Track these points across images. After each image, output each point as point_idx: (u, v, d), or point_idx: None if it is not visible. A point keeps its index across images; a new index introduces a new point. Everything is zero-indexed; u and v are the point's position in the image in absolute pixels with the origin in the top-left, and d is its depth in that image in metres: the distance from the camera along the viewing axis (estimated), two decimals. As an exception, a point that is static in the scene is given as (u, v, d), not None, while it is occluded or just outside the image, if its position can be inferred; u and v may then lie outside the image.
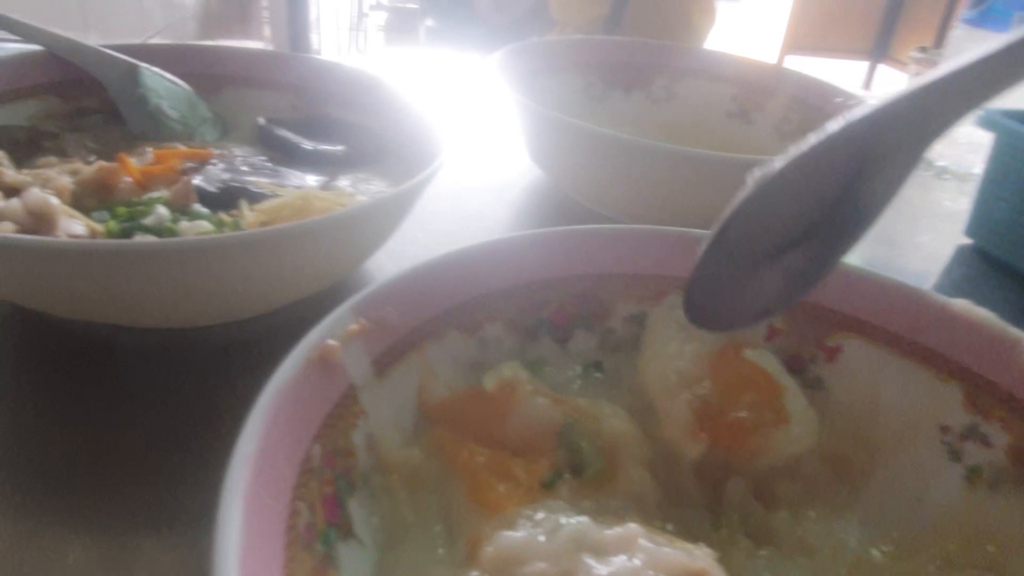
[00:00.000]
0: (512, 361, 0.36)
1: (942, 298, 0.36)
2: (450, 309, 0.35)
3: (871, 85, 3.28)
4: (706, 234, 0.39)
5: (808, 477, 0.35)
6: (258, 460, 0.24)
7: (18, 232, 0.38)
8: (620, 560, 0.25)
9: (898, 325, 0.36)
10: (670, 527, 0.29)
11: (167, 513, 0.34)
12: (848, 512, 0.34)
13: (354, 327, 0.30)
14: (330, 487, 0.27)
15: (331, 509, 0.27)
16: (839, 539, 0.32)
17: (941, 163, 0.88)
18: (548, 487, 0.30)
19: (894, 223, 0.76)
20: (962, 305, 0.35)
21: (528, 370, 0.35)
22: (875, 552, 0.32)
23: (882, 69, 3.36)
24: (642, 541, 0.25)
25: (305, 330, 0.28)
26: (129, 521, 0.33)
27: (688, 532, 0.30)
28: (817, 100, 0.73)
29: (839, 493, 0.35)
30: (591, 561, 0.25)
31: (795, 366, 0.38)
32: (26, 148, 0.50)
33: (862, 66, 3.38)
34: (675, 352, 0.36)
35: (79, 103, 0.55)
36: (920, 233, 0.75)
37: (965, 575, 0.30)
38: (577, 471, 0.31)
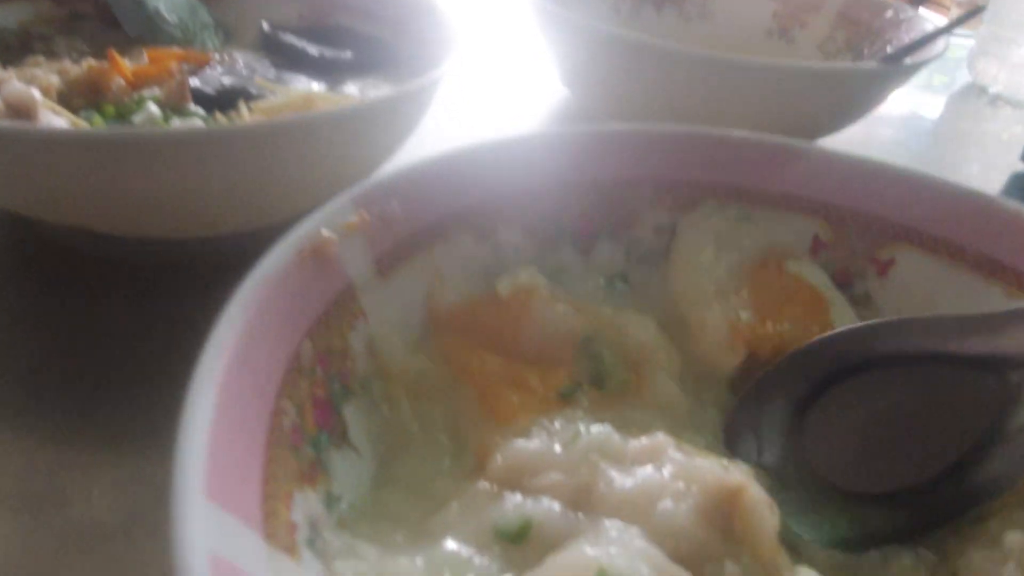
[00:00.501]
0: (529, 267, 0.32)
1: (1014, 204, 0.32)
2: (462, 210, 0.32)
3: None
4: (747, 134, 0.36)
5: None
6: (238, 350, 0.21)
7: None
8: (646, 472, 0.22)
9: (962, 234, 0.33)
10: (702, 442, 0.26)
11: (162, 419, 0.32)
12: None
13: (354, 220, 0.27)
14: (323, 390, 0.24)
15: (323, 413, 0.24)
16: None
17: (995, 89, 0.82)
18: (566, 398, 0.27)
19: (942, 153, 0.71)
20: (1038, 212, 0.31)
21: (547, 278, 0.32)
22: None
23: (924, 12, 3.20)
24: (671, 452, 0.22)
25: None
26: (121, 427, 0.31)
27: (720, 451, 0.27)
28: (866, 15, 0.67)
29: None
30: (613, 472, 0.22)
31: (842, 281, 0.34)
32: (17, 52, 0.47)
33: (904, 9, 3.22)
34: (710, 262, 0.33)
35: (73, 7, 0.52)
36: (970, 163, 0.70)
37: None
38: (598, 383, 0.28)
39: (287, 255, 0.24)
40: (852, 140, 0.58)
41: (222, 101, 0.41)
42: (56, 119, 0.36)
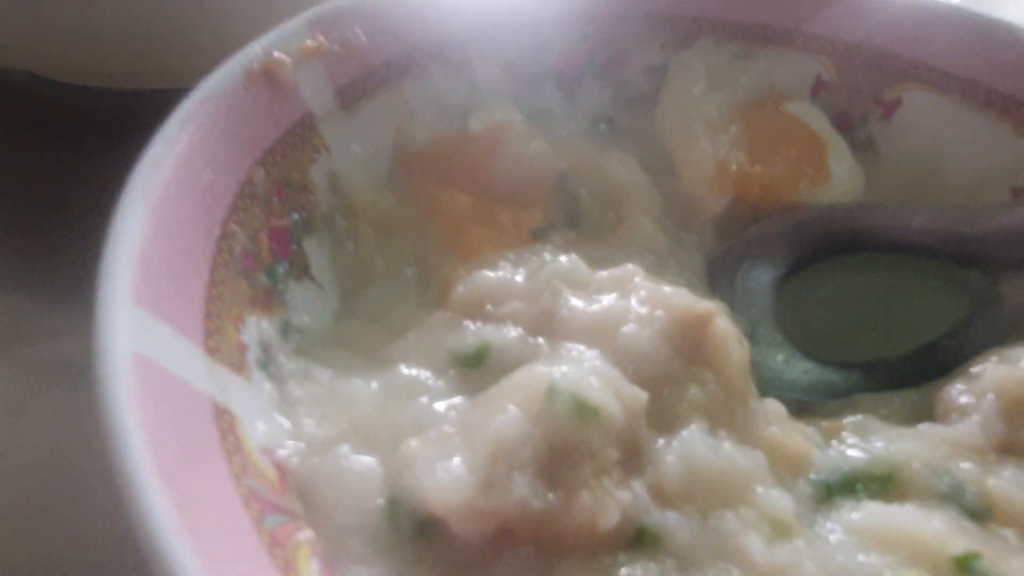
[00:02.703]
0: (505, 103, 0.30)
1: (1037, 34, 0.29)
2: (434, 41, 0.29)
3: None
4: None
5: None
6: (176, 165, 0.19)
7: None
8: (610, 298, 0.21)
9: (974, 69, 0.30)
10: (682, 283, 0.25)
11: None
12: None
13: (310, 44, 0.25)
14: (280, 220, 0.23)
15: (281, 244, 0.23)
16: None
17: None
18: (538, 237, 0.26)
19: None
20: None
21: (525, 117, 0.30)
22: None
23: None
24: (639, 281, 0.21)
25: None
26: (43, 299, 0.30)
27: (700, 291, 0.26)
28: None
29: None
30: (576, 300, 0.21)
31: (844, 126, 0.32)
32: None
33: None
34: (701, 98, 0.30)
35: None
36: (1005, 5, 0.64)
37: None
38: (574, 223, 0.27)
39: (233, 75, 0.23)
40: None
41: None
42: None
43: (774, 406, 0.21)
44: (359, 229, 0.26)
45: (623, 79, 0.33)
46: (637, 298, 0.21)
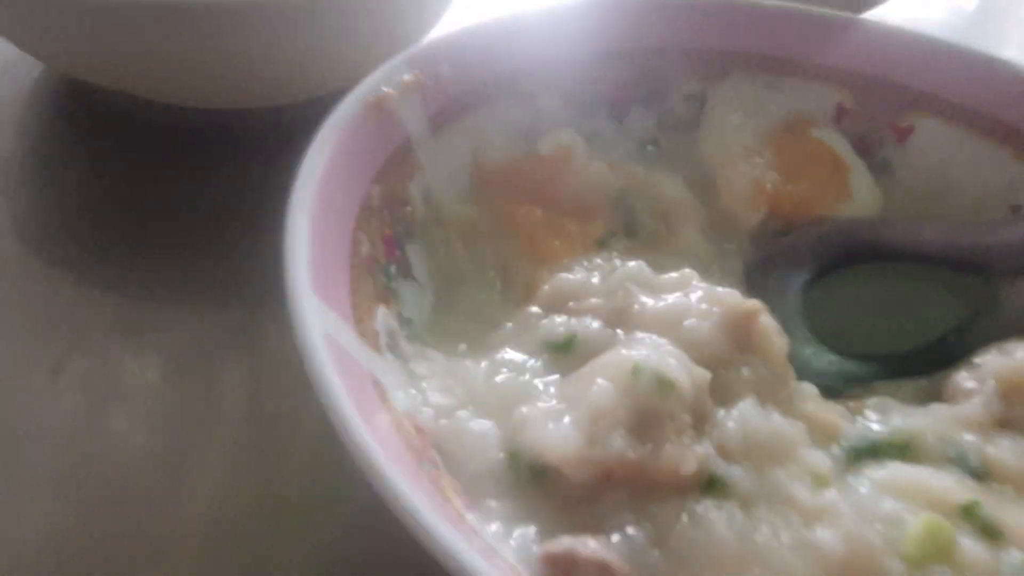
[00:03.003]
0: (568, 128, 0.35)
1: (1030, 70, 0.33)
2: (506, 75, 0.34)
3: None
4: (777, 4, 0.37)
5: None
6: (321, 186, 0.24)
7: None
8: (675, 296, 0.25)
9: (978, 101, 0.34)
10: (726, 284, 0.29)
11: (217, 287, 0.35)
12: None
13: (409, 78, 0.30)
14: (389, 229, 0.28)
15: (391, 249, 0.27)
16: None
17: None
18: (602, 245, 0.30)
19: (984, 32, 0.70)
20: (1054, 78, 0.33)
21: (585, 141, 0.34)
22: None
23: None
24: (696, 283, 0.26)
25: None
26: (181, 282, 0.35)
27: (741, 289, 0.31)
28: None
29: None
30: (645, 297, 0.25)
31: (863, 148, 0.36)
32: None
33: None
34: (738, 125, 0.35)
35: None
36: (1008, 45, 0.69)
37: None
38: (631, 232, 0.31)
39: (355, 107, 0.27)
40: (895, 16, 0.58)
41: None
42: None
43: (809, 388, 0.25)
44: (448, 237, 0.30)
45: (666, 107, 0.37)
46: (696, 296, 0.25)
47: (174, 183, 0.39)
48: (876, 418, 0.25)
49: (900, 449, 0.23)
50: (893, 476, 0.21)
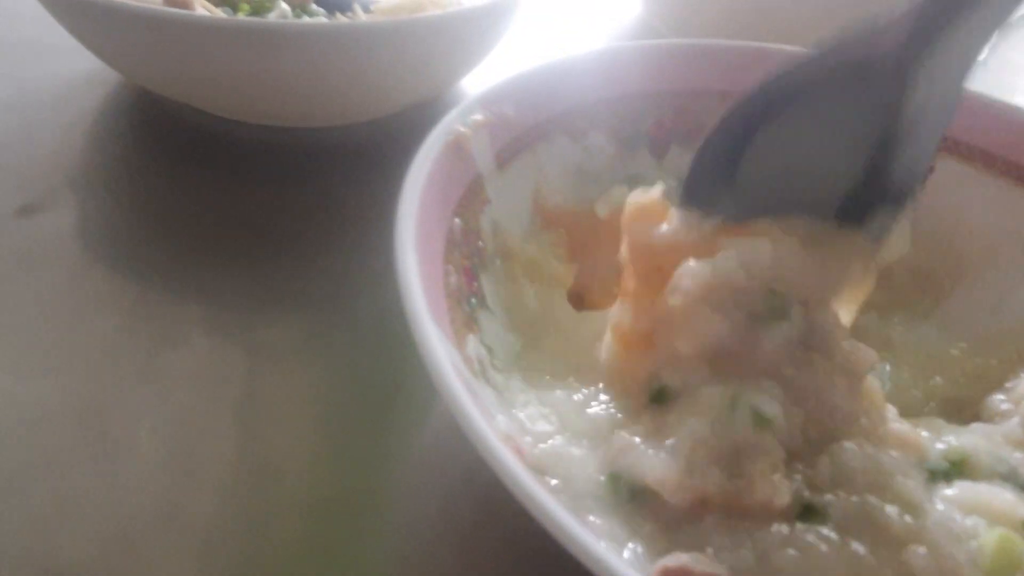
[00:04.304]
0: (620, 186, 0.36)
1: (1043, 117, 0.36)
2: (560, 114, 0.36)
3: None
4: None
5: (895, 287, 0.37)
6: (418, 220, 0.25)
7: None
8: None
9: (994, 145, 0.37)
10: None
11: (293, 292, 0.37)
12: (929, 318, 0.36)
13: (480, 118, 0.31)
14: (467, 260, 0.29)
15: (470, 280, 0.29)
16: (922, 339, 0.35)
17: None
18: None
19: (995, 80, 0.73)
20: (1064, 124, 0.36)
21: (627, 184, 0.36)
22: (952, 350, 0.34)
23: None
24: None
25: (412, 138, 0.29)
26: (255, 298, 0.36)
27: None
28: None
29: (922, 302, 0.37)
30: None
31: (887, 186, 0.39)
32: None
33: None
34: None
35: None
36: (1014, 95, 0.73)
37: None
38: None
39: (439, 145, 0.29)
40: None
41: (340, 5, 0.45)
42: (205, 12, 0.40)
43: (891, 410, 0.27)
44: (513, 270, 0.32)
45: (703, 144, 0.39)
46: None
47: (246, 195, 0.41)
48: (929, 436, 0.27)
49: (958, 467, 0.25)
50: (964, 494, 0.23)
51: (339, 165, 0.43)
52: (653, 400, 0.25)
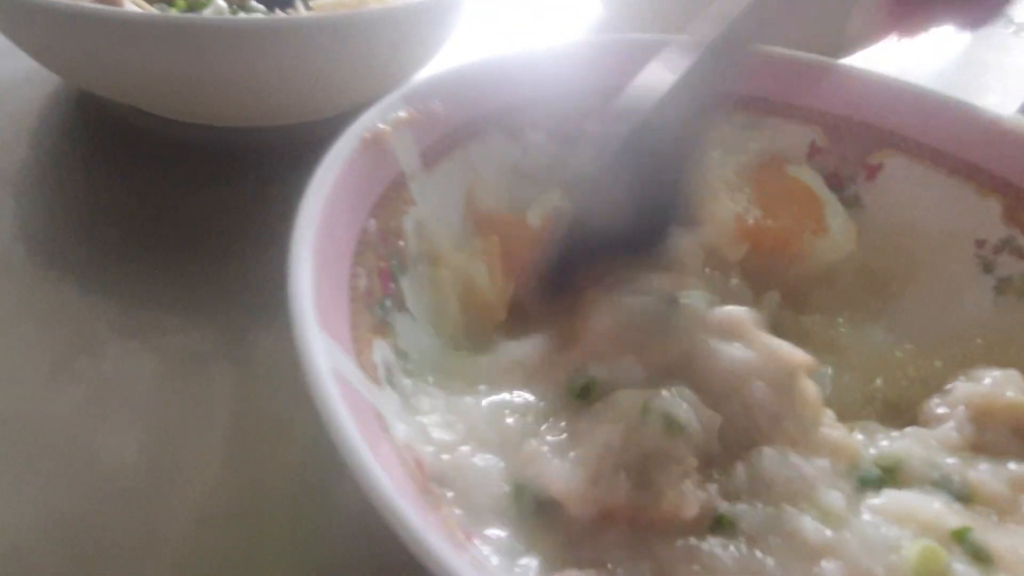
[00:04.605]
0: (554, 191, 0.35)
1: (992, 113, 0.35)
2: (494, 111, 0.35)
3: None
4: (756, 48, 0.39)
5: (841, 288, 0.36)
6: (322, 220, 0.24)
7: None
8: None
9: (944, 140, 0.36)
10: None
11: (215, 296, 0.36)
12: (877, 319, 0.35)
13: (403, 115, 0.30)
14: (384, 262, 0.28)
15: (386, 282, 0.28)
16: (867, 341, 0.34)
17: (1020, 19, 0.83)
18: None
19: (964, 79, 0.73)
20: (1014, 120, 0.35)
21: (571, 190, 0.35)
22: (898, 352, 0.33)
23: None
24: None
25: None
26: (176, 301, 0.35)
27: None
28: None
29: (869, 303, 0.36)
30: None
31: (835, 184, 0.38)
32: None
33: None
34: (718, 162, 0.36)
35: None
36: (988, 92, 0.72)
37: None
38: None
39: (353, 142, 0.28)
40: (877, 63, 0.61)
41: (280, 1, 0.44)
42: (137, 10, 0.39)
43: (828, 414, 0.26)
44: (440, 274, 0.31)
45: (649, 144, 0.38)
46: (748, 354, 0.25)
47: (180, 195, 0.40)
48: (863, 439, 0.26)
49: (890, 472, 0.24)
50: (890, 503, 0.22)
51: (276, 166, 0.42)
52: (579, 396, 0.24)
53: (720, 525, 0.21)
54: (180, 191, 0.40)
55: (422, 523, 0.16)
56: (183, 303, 0.34)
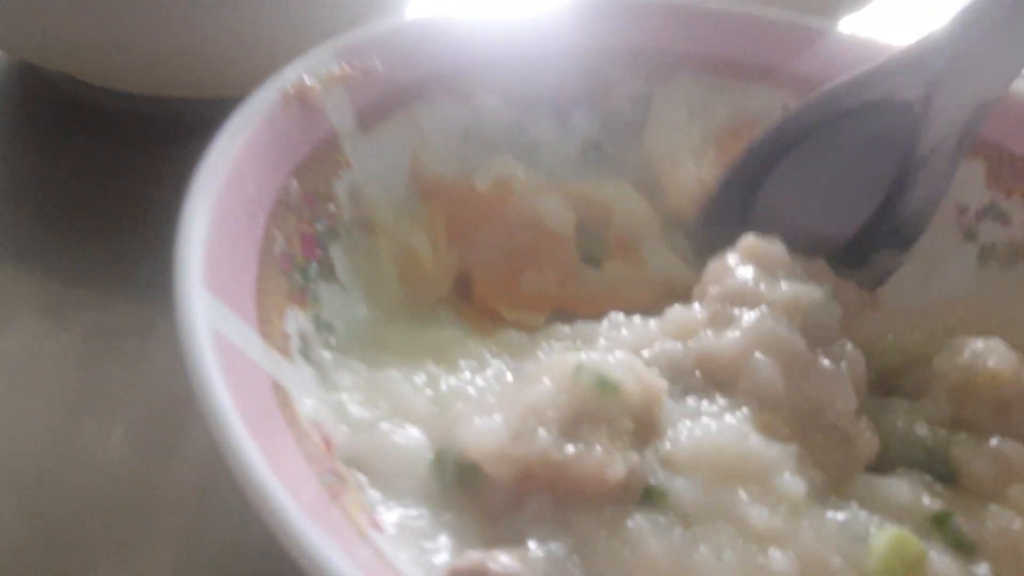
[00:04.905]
0: (505, 155, 0.33)
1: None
2: (443, 71, 0.32)
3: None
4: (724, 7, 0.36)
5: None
6: (229, 174, 0.22)
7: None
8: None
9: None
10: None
11: (143, 272, 0.33)
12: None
13: (336, 71, 0.28)
14: (310, 227, 0.26)
15: (311, 248, 0.25)
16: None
17: None
18: None
19: None
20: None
21: (524, 159, 0.33)
22: (873, 324, 0.31)
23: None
24: None
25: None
26: (100, 277, 0.33)
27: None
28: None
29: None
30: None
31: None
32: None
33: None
34: (683, 125, 0.34)
35: None
36: None
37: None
38: (594, 262, 0.30)
39: (271, 96, 0.25)
40: (872, 23, 0.58)
41: None
42: None
43: None
44: (378, 242, 0.28)
45: (611, 108, 0.36)
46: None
47: (111, 168, 0.38)
48: None
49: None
50: (864, 487, 0.20)
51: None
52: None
53: (650, 498, 0.18)
54: (111, 164, 0.38)
55: (295, 504, 0.14)
56: (106, 279, 0.32)
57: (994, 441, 0.23)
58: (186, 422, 0.26)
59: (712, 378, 0.21)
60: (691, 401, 0.21)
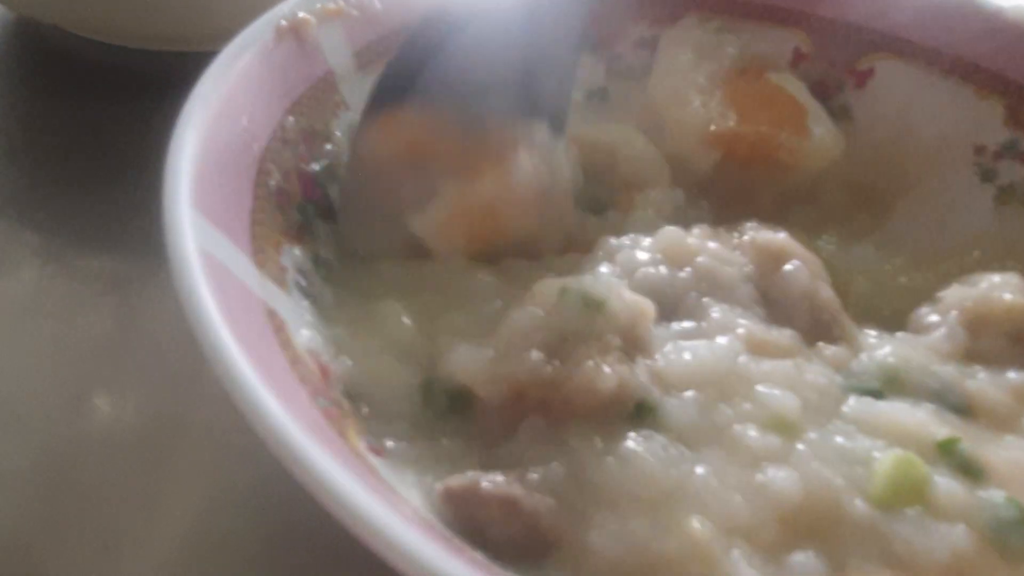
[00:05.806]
0: None
1: (993, 6, 0.32)
2: (440, 13, 0.31)
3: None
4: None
5: (826, 204, 0.33)
6: (223, 104, 0.21)
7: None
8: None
9: (939, 39, 0.33)
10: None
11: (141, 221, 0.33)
12: (865, 237, 0.32)
13: (332, 6, 0.27)
14: (307, 165, 0.25)
15: (309, 186, 0.25)
16: (853, 259, 0.31)
17: None
18: None
19: None
20: (1017, 12, 0.31)
21: None
22: (888, 267, 0.30)
23: None
24: None
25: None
26: (98, 227, 0.33)
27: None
28: None
29: (857, 220, 0.32)
30: None
31: (822, 93, 0.34)
32: None
33: None
34: (689, 67, 0.33)
35: None
36: None
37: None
38: (597, 211, 0.29)
39: (265, 30, 0.25)
40: None
41: None
42: None
43: None
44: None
45: (616, 52, 0.35)
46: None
47: (109, 119, 0.38)
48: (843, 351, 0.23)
49: (890, 382, 0.21)
50: (862, 411, 0.19)
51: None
52: None
53: (643, 416, 0.18)
54: (109, 115, 0.38)
55: (289, 417, 0.13)
56: (106, 226, 0.32)
57: (1012, 374, 0.22)
58: (188, 365, 0.26)
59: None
60: (685, 323, 0.20)
